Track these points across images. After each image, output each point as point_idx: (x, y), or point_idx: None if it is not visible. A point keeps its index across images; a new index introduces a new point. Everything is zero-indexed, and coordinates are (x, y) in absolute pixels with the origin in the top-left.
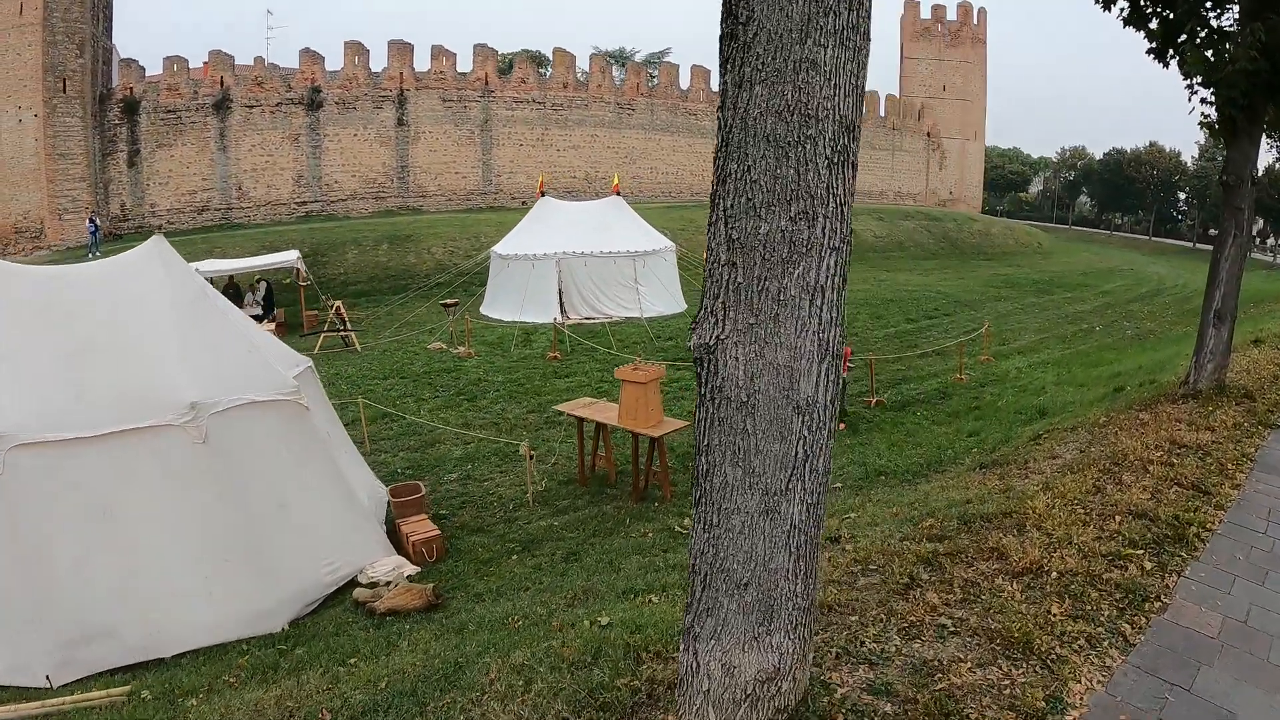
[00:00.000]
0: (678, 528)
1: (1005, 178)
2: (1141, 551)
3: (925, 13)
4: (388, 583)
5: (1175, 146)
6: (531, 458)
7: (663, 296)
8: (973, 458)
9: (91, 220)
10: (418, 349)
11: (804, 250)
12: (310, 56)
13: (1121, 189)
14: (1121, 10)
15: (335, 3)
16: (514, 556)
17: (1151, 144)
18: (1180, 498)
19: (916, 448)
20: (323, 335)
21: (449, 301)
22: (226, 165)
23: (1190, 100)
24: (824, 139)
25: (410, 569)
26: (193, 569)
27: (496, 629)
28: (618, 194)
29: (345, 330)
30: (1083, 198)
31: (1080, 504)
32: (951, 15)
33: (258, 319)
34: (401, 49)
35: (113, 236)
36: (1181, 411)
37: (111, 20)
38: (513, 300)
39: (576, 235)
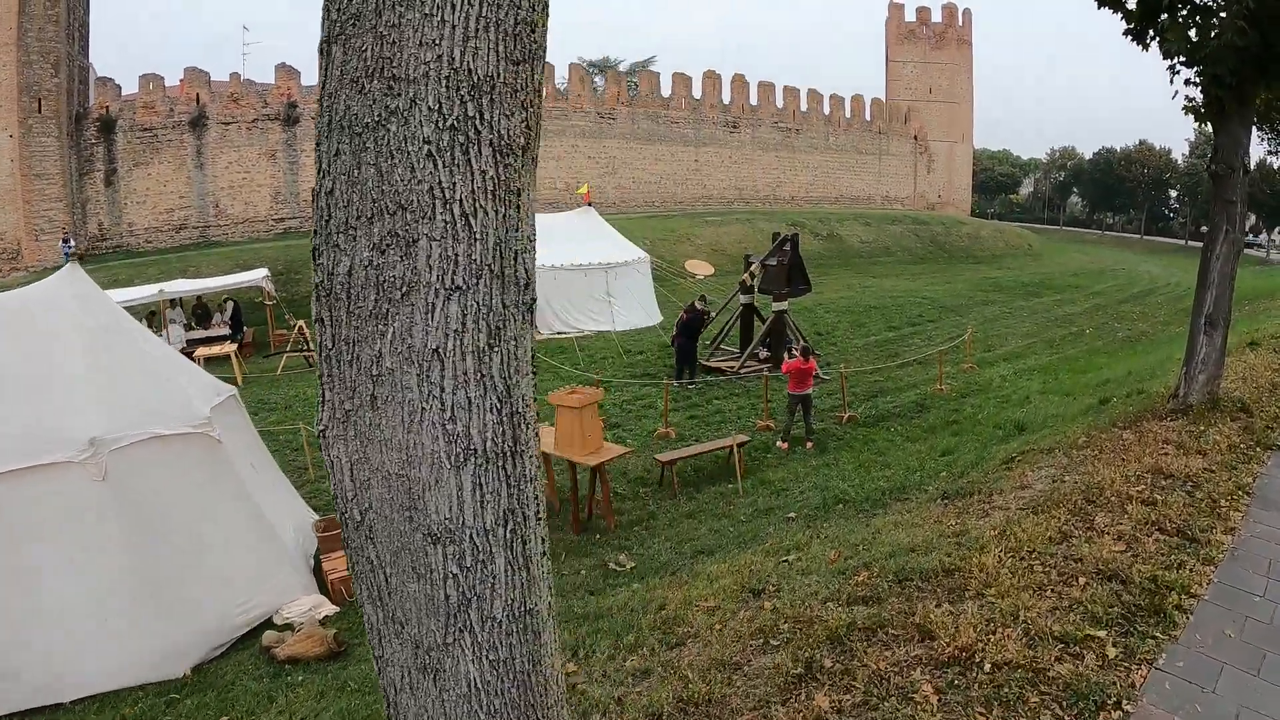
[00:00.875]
0: (613, 564)
1: (995, 180)
2: (1105, 632)
3: (910, 15)
4: (302, 624)
5: (1165, 144)
6: None
7: (636, 308)
8: (939, 483)
9: (65, 240)
10: None
11: (399, 295)
12: (286, 71)
13: (1112, 188)
14: None
15: (313, 18)
16: None
17: (1141, 142)
18: (1161, 549)
19: (884, 469)
20: (285, 356)
21: None
22: (204, 183)
23: (1172, 83)
24: (421, 111)
25: (328, 609)
26: (96, 611)
27: (363, 694)
28: (588, 204)
29: (308, 350)
30: (1074, 198)
31: (1040, 558)
32: (936, 17)
33: (225, 339)
34: None
35: (91, 256)
36: (1170, 430)
37: (88, 39)
38: None
39: (546, 247)
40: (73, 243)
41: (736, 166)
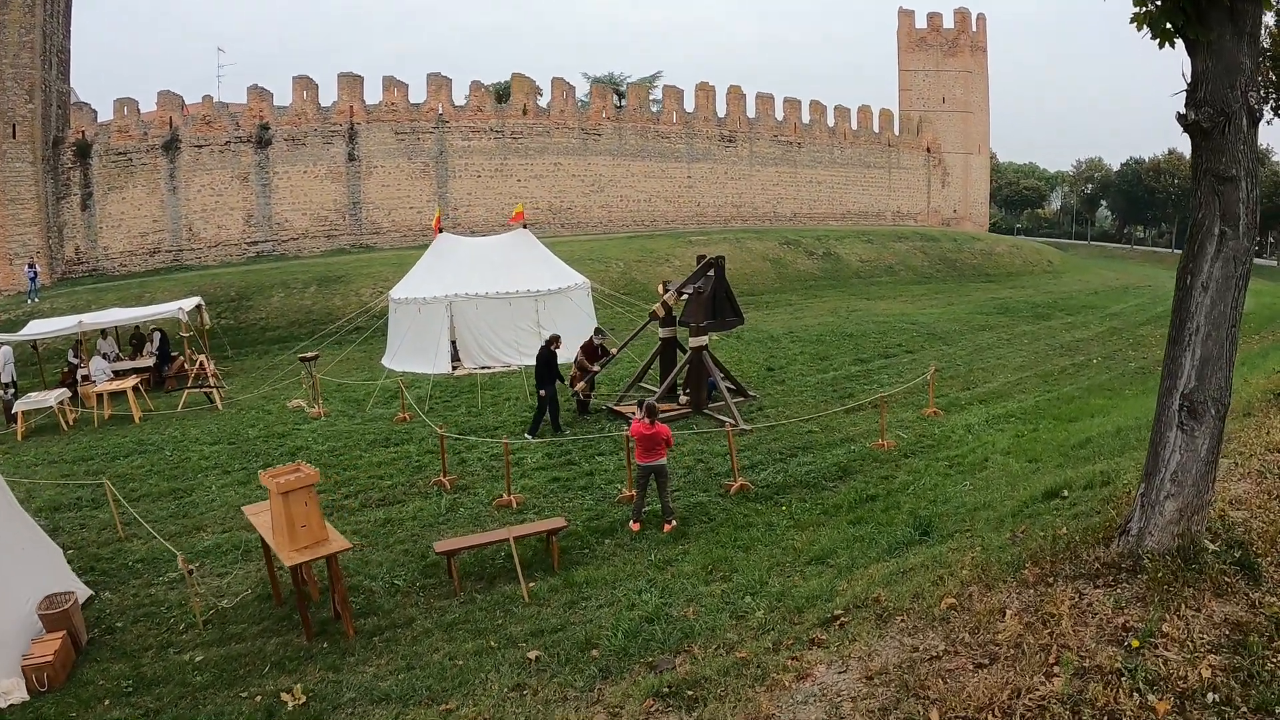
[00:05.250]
0: (284, 695)
1: (1021, 194)
2: None
3: (921, 21)
4: None
5: None
6: (191, 573)
7: (570, 340)
8: (729, 638)
9: (30, 265)
10: (275, 407)
11: None
12: (258, 93)
13: (1141, 200)
14: None
15: (293, 39)
16: (107, 701)
17: (1171, 151)
18: None
19: (721, 583)
20: (185, 392)
21: (307, 355)
22: (177, 206)
23: None
24: None
25: (18, 696)
26: None
27: None
28: (521, 224)
29: (209, 387)
30: (1102, 210)
31: None
32: (949, 23)
33: (150, 370)
34: (351, 81)
35: (66, 280)
36: (1091, 611)
37: (68, 65)
38: (403, 349)
39: (472, 275)
40: (38, 268)
41: (733, 183)
